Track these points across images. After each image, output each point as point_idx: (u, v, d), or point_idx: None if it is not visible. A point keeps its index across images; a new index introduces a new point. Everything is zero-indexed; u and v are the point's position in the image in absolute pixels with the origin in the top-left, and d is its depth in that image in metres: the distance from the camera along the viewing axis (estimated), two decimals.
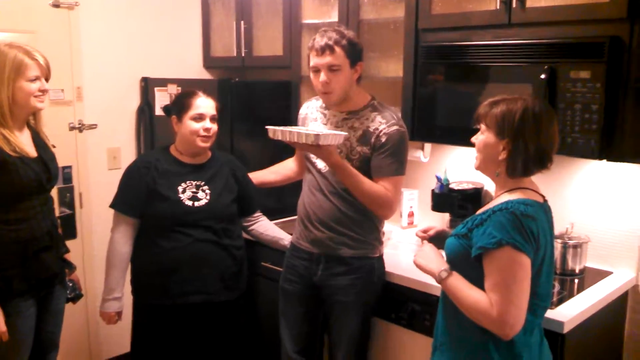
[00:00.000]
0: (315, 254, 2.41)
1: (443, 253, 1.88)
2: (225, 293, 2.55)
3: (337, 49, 2.26)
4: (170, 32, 3.72)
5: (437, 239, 2.07)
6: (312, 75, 2.34)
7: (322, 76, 2.28)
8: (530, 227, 1.64)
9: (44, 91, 2.26)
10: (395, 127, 2.31)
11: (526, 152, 1.70)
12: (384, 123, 2.31)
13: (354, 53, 2.30)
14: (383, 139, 2.29)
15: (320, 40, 2.27)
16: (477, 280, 1.70)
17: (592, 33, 2.14)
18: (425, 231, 2.11)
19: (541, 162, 1.73)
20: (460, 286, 1.73)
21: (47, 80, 2.29)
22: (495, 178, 1.80)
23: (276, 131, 2.23)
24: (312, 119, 2.49)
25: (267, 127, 2.26)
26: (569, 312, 2.08)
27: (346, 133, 2.27)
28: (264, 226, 2.77)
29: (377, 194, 2.28)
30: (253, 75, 3.81)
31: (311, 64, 2.32)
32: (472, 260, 1.70)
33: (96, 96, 3.40)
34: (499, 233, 1.63)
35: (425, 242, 2.00)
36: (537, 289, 1.70)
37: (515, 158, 1.71)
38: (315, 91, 2.38)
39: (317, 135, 2.09)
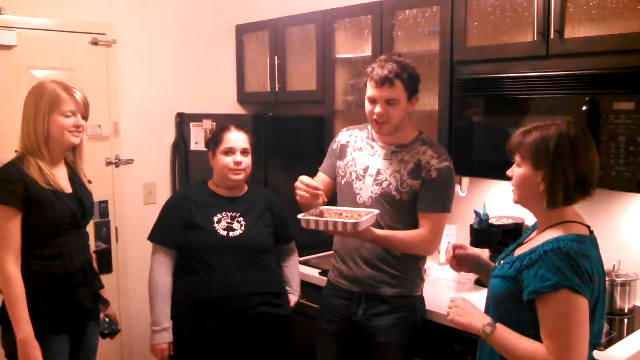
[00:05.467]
0: (355, 292, 2.35)
1: (473, 300, 1.80)
2: (269, 308, 2.50)
3: (397, 83, 2.20)
4: (205, 68, 3.78)
5: (464, 261, 2.02)
6: (366, 103, 2.28)
7: (378, 108, 2.23)
8: (585, 267, 1.57)
9: (78, 127, 2.27)
10: (446, 163, 2.26)
11: (566, 180, 1.61)
12: (436, 157, 2.26)
13: (413, 86, 2.25)
14: (434, 174, 2.24)
15: (380, 72, 2.20)
16: (527, 325, 1.62)
17: (635, 63, 2.09)
18: (457, 247, 2.04)
19: (583, 189, 1.64)
20: (510, 338, 1.64)
21: (84, 117, 2.30)
22: (538, 211, 1.73)
23: (309, 221, 2.10)
24: (357, 148, 2.42)
25: (298, 216, 2.13)
26: (620, 354, 2.00)
27: (378, 211, 2.19)
28: (288, 266, 2.72)
29: (418, 242, 2.25)
30: (286, 109, 3.82)
31: (368, 93, 2.26)
32: (521, 304, 1.63)
33: (133, 132, 3.45)
34: (554, 276, 1.55)
35: (456, 296, 1.89)
36: (591, 326, 1.61)
37: (555, 188, 1.62)
38: (368, 119, 2.32)
39: (355, 224, 2.04)
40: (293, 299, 2.66)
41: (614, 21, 2.16)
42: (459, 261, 2.02)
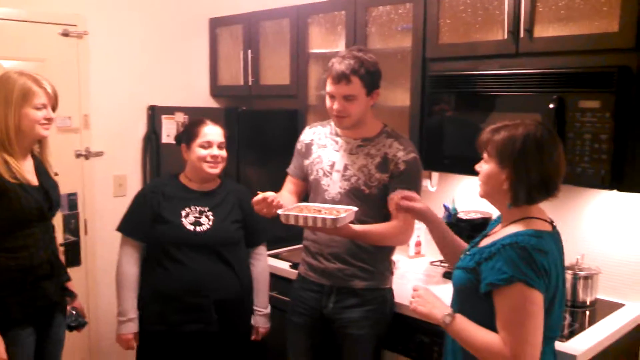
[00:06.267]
0: (326, 286, 2.37)
1: (439, 291, 1.83)
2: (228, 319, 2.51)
3: (354, 79, 2.20)
4: (178, 61, 3.75)
5: (416, 214, 2.04)
6: (327, 98, 2.29)
7: (336, 104, 2.24)
8: (541, 262, 1.60)
9: (49, 119, 2.25)
10: (412, 155, 2.29)
11: (529, 180, 1.64)
12: (402, 150, 2.28)
13: (372, 82, 2.24)
14: (402, 167, 2.26)
15: (337, 68, 2.21)
16: (486, 316, 1.66)
17: (600, 63, 2.14)
18: (405, 198, 2.01)
19: (546, 190, 1.67)
20: (468, 328, 1.69)
21: (53, 109, 2.29)
22: (501, 207, 1.76)
23: (289, 216, 2.11)
24: (321, 145, 2.43)
25: (278, 211, 2.14)
26: (581, 346, 2.04)
27: (357, 208, 2.19)
28: (257, 271, 2.67)
29: (394, 233, 2.27)
30: (260, 103, 3.82)
31: (327, 89, 2.27)
32: (480, 295, 1.66)
33: (103, 124, 3.41)
34: (509, 269, 1.59)
35: (420, 285, 1.93)
36: (548, 320, 1.66)
37: (517, 187, 1.66)
38: (328, 114, 2.34)
39: (334, 220, 2.05)
40: (260, 323, 2.62)
41: (582, 22, 2.21)
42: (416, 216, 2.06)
